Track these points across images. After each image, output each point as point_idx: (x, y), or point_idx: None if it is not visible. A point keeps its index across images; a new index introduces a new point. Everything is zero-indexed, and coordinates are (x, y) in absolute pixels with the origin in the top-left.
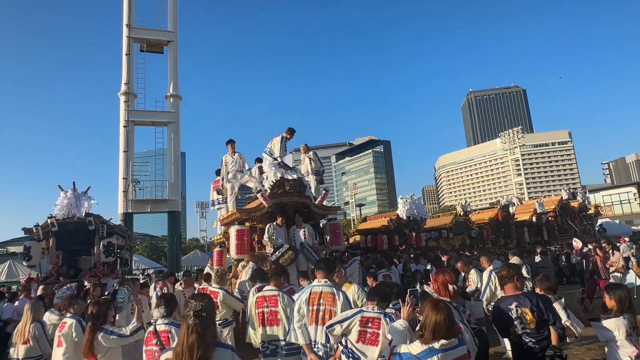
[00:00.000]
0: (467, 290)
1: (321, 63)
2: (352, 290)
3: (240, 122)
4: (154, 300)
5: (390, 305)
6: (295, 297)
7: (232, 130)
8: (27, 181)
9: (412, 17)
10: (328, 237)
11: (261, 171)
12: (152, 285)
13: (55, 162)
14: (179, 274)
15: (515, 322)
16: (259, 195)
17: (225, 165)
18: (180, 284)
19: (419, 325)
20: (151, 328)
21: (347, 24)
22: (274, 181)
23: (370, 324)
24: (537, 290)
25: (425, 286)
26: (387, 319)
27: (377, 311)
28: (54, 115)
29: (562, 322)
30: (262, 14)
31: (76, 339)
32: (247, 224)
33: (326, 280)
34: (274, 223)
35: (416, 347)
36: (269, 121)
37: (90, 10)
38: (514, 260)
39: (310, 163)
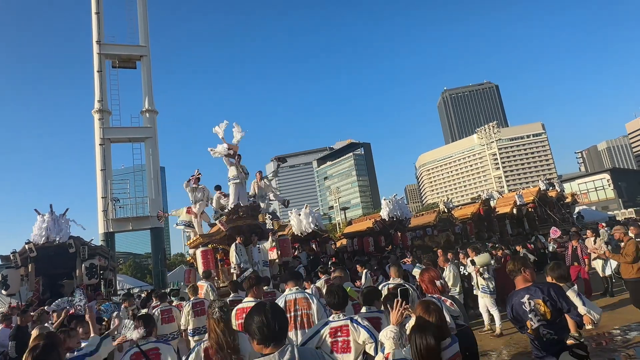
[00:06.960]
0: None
1: (295, 70)
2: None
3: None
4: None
5: (365, 310)
6: None
7: (211, 142)
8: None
9: (384, 19)
10: (279, 252)
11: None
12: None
13: (31, 183)
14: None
15: (530, 315)
16: (217, 222)
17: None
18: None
19: (410, 329)
20: (135, 349)
21: (319, 28)
22: (231, 208)
23: (339, 333)
24: (549, 279)
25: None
26: (355, 324)
27: (342, 318)
28: (29, 133)
29: (578, 310)
30: (234, 24)
31: None
32: (209, 245)
33: (297, 287)
34: (237, 242)
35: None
36: (246, 130)
37: (59, 26)
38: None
39: (266, 188)
